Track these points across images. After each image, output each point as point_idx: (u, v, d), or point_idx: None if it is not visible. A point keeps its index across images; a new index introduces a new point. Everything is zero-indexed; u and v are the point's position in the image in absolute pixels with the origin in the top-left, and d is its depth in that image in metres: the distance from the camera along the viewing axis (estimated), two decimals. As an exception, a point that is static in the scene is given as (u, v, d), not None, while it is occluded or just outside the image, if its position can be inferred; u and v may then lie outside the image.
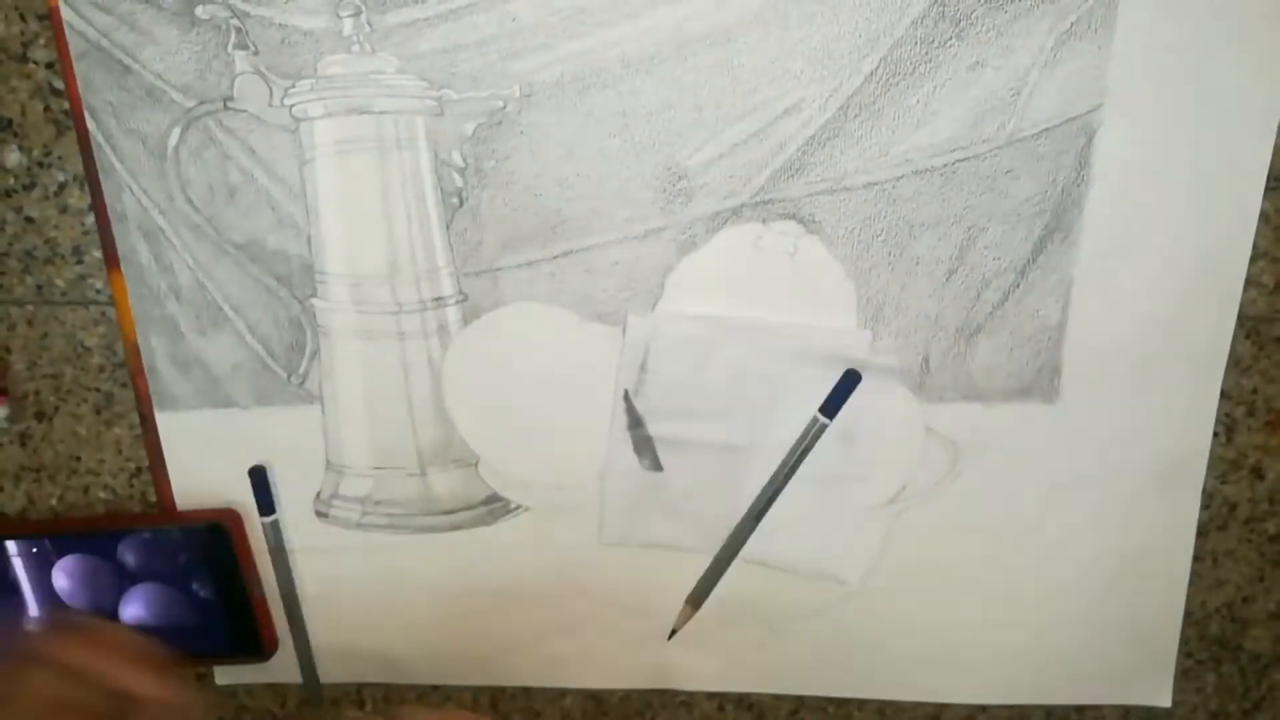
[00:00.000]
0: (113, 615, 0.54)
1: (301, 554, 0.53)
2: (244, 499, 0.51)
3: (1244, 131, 0.42)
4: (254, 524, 0.52)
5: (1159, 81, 0.41)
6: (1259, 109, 0.42)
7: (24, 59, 0.45)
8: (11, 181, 0.47)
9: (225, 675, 0.58)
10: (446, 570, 0.53)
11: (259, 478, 0.51)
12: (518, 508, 0.51)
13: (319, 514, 0.52)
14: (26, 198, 0.47)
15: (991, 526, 0.50)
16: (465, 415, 0.49)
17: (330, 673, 0.57)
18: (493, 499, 0.51)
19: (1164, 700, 0.53)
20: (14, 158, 0.47)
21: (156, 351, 0.49)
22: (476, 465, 0.50)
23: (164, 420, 0.50)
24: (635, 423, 0.49)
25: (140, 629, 0.54)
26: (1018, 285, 0.45)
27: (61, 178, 0.47)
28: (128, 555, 0.53)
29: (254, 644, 0.55)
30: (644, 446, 0.49)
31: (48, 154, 0.46)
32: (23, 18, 0.44)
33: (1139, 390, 0.47)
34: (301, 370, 0.49)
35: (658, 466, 0.50)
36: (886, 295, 0.46)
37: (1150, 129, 0.42)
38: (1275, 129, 0.42)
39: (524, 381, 0.48)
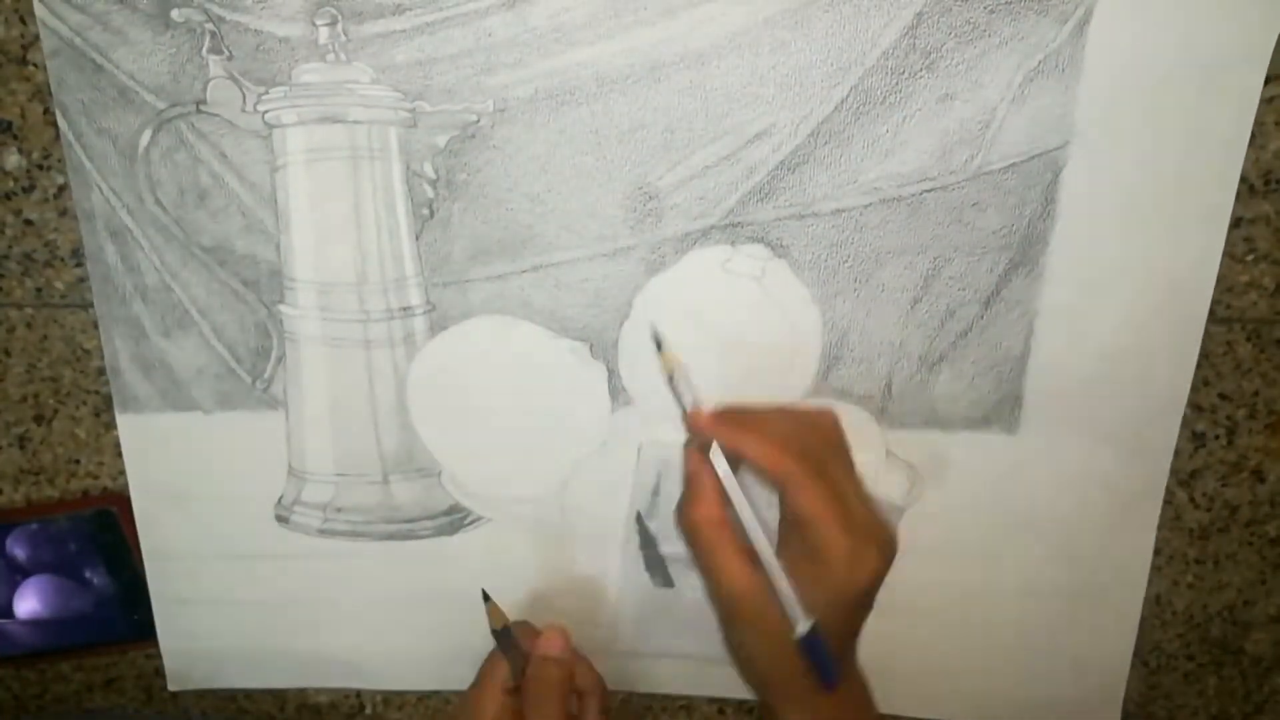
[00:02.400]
0: (6, 611, 0.54)
1: (260, 560, 0.53)
2: (201, 504, 0.51)
3: (1208, 171, 0.43)
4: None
5: (1125, 120, 0.42)
6: (1223, 148, 0.42)
7: (23, 61, 0.44)
8: (11, 184, 0.47)
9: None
10: (406, 578, 0.53)
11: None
12: (479, 518, 0.51)
13: (280, 519, 0.52)
14: (26, 200, 0.47)
15: (946, 550, 0.50)
16: (429, 425, 0.49)
17: (290, 677, 0.57)
18: (454, 509, 0.51)
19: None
20: (13, 160, 0.46)
21: (120, 352, 0.49)
22: (439, 475, 0.50)
23: (124, 422, 0.50)
24: (648, 543, 0.51)
25: (36, 622, 0.54)
26: (981, 316, 0.46)
27: (61, 180, 0.46)
28: (16, 549, 0.53)
29: (152, 629, 0.55)
30: (655, 565, 0.51)
31: (47, 156, 0.46)
32: (22, 20, 0.43)
33: (1098, 425, 0.47)
34: (266, 375, 0.49)
35: (669, 583, 0.52)
36: (851, 321, 0.46)
37: (1116, 167, 0.43)
38: (1239, 167, 0.43)
39: (489, 393, 0.48)
